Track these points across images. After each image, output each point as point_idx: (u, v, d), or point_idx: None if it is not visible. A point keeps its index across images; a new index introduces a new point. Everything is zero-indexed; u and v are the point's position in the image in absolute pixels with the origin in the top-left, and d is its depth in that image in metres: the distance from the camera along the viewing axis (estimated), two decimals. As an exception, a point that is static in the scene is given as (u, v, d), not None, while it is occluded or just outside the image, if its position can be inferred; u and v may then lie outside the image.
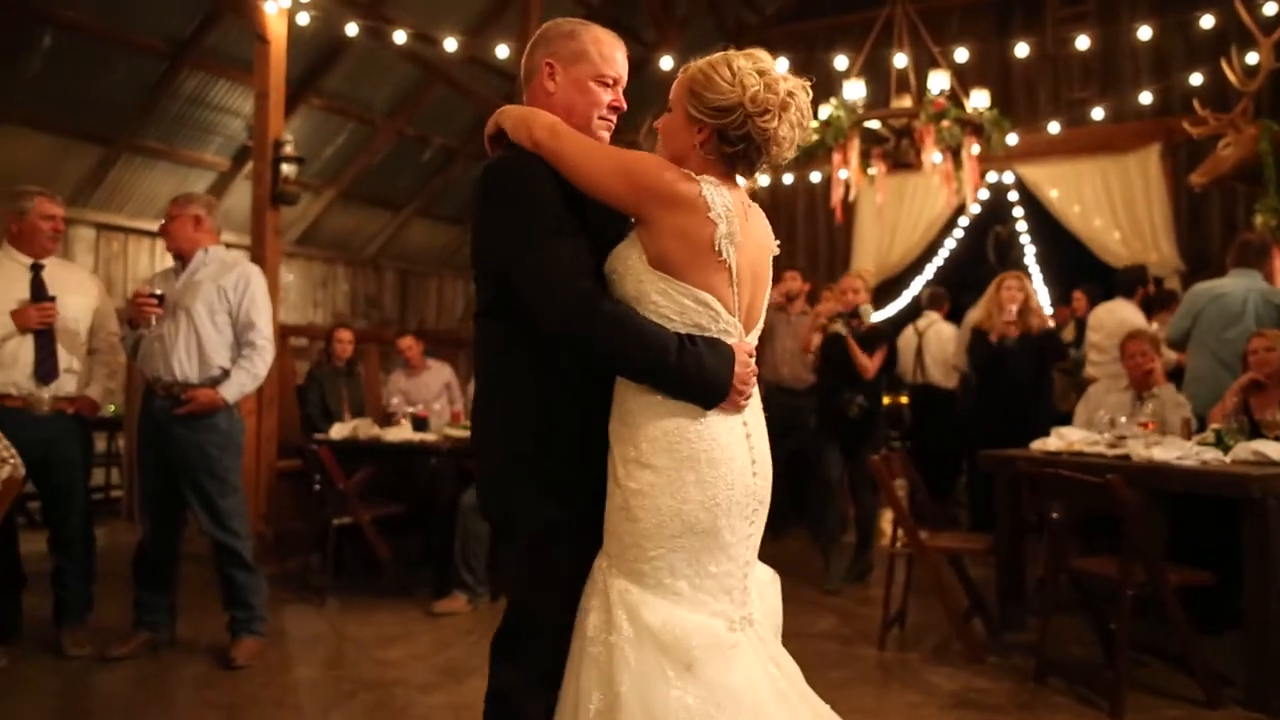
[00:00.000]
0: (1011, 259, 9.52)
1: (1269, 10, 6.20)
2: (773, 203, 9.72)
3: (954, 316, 7.44)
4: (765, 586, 1.98)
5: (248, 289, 3.90)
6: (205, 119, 7.98)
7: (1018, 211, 9.22)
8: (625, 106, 2.05)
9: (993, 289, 5.36)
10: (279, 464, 5.66)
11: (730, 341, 1.84)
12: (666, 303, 1.79)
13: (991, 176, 8.62)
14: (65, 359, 3.92)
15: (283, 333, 6.28)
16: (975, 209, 8.60)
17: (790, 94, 1.82)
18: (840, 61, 6.11)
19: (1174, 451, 3.79)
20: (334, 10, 6.44)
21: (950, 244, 9.59)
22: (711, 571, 1.81)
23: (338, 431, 5.32)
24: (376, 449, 5.22)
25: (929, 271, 9.84)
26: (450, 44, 6.14)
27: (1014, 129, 6.63)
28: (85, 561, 4.05)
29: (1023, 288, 5.30)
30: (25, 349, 3.83)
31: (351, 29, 6.21)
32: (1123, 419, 4.26)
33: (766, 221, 1.95)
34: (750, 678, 1.79)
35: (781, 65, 1.91)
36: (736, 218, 1.82)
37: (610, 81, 1.99)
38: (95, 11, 6.73)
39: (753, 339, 1.92)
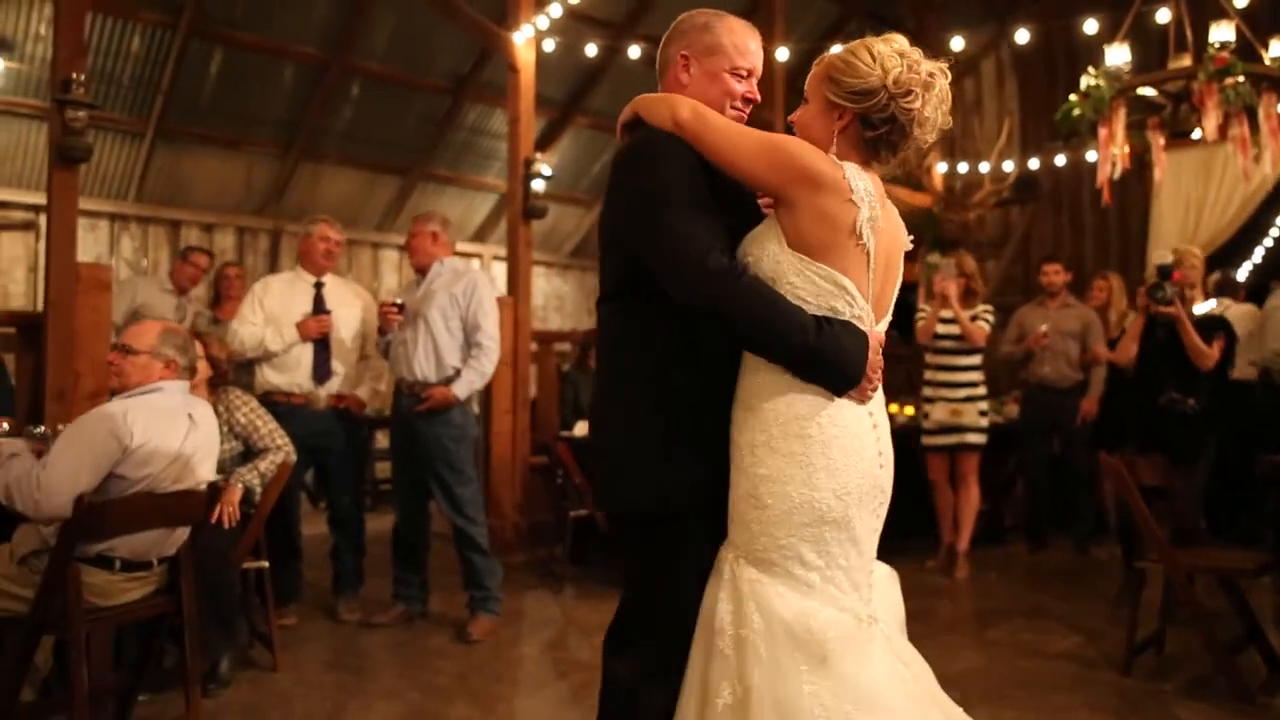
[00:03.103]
0: (1353, 235, 8.02)
1: None
2: (1053, 187, 8.94)
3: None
4: (884, 583, 1.92)
5: (474, 294, 4.27)
6: (485, 146, 8.83)
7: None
8: (759, 98, 2.04)
9: None
10: (533, 459, 6.10)
11: (862, 329, 1.81)
12: (803, 284, 1.78)
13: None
14: (336, 363, 4.51)
15: (544, 338, 6.77)
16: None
17: (932, 75, 1.81)
18: (1090, 25, 5.47)
19: None
20: (577, 32, 6.85)
21: (1280, 222, 8.26)
22: (841, 565, 1.79)
23: (580, 429, 5.64)
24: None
25: (1257, 255, 8.54)
26: (683, 54, 6.31)
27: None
28: (356, 539, 4.63)
29: None
30: (306, 354, 4.45)
31: (591, 49, 6.58)
32: None
33: (899, 217, 1.92)
34: (883, 676, 1.76)
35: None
36: (878, 203, 1.81)
37: (744, 73, 1.99)
38: (392, 60, 7.70)
39: (880, 329, 1.88)
